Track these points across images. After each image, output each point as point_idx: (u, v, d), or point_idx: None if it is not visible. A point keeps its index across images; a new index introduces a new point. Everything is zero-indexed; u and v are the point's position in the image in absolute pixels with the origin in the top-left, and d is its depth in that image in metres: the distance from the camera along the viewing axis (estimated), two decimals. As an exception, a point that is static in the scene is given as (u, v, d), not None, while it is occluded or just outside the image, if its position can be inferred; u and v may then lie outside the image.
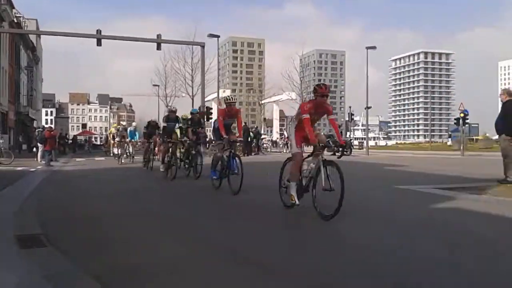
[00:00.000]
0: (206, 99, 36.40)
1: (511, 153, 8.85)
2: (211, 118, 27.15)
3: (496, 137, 11.69)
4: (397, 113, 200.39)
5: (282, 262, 3.78)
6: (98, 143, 68.67)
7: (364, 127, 47.62)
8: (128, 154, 19.67)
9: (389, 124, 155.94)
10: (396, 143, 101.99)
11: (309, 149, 6.23)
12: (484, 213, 6.05)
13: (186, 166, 11.91)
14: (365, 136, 38.50)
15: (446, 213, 6.06)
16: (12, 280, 3.34)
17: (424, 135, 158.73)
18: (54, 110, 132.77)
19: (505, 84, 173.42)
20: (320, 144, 5.99)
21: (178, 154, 12.04)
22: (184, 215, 6.36)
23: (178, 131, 12.45)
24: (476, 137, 53.17)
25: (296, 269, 3.60)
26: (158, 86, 47.77)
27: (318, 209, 5.60)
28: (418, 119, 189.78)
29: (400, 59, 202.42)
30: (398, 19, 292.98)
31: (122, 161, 18.88)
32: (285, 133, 42.50)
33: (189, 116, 12.70)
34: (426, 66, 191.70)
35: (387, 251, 4.11)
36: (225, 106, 9.03)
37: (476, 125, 62.85)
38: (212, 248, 4.33)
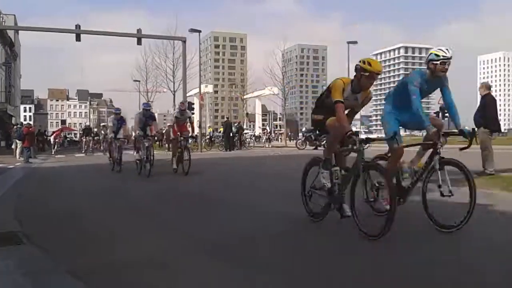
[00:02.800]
0: (188, 94, 36.13)
1: (490, 146, 9.05)
2: (193, 114, 27.00)
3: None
4: (378, 107, 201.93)
5: (264, 257, 3.77)
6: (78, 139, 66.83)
7: (346, 122, 47.50)
8: None
9: (370, 119, 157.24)
10: (377, 137, 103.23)
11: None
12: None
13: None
14: (347, 130, 38.55)
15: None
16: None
17: (404, 129, 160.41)
18: (32, 106, 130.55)
19: (484, 78, 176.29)
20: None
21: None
22: (167, 211, 6.32)
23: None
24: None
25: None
26: (139, 81, 47.18)
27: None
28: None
29: (381, 53, 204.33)
30: (380, 13, 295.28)
31: None
32: (267, 128, 42.37)
33: None
34: (406, 60, 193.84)
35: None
36: None
37: (455, 119, 63.55)
38: (197, 244, 4.27)
